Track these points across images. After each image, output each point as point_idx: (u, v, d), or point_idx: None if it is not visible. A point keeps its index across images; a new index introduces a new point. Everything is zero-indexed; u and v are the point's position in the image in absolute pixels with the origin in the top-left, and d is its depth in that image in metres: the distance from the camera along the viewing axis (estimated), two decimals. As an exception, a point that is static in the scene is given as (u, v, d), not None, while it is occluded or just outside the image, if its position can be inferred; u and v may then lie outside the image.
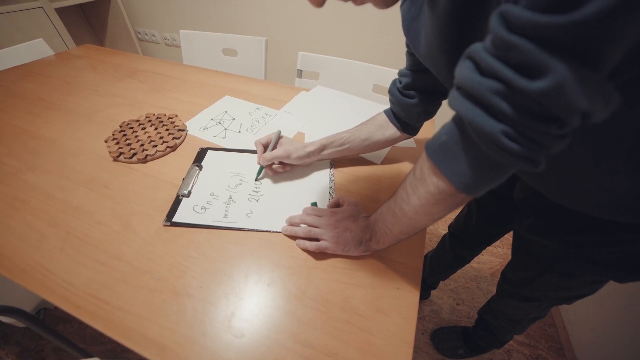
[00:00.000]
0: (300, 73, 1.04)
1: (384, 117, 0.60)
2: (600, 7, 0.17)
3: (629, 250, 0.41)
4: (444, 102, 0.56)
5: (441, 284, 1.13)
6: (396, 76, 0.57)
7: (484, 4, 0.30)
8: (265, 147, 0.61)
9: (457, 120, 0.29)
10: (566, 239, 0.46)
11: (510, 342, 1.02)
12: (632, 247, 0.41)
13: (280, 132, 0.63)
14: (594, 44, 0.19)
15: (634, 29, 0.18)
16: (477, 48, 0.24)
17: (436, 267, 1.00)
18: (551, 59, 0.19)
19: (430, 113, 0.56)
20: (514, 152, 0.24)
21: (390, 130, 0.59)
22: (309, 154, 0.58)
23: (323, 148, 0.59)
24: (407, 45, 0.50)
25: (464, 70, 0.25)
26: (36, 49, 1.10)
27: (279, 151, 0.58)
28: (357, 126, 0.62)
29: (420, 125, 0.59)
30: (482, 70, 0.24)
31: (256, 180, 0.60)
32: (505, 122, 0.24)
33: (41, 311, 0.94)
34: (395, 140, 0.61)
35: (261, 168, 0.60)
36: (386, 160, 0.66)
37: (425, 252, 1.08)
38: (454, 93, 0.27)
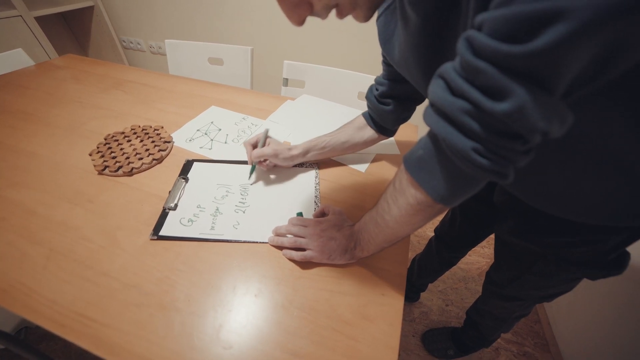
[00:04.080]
0: (286, 81, 1.06)
1: (362, 120, 0.63)
2: (549, 40, 0.19)
3: (598, 249, 0.44)
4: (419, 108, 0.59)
5: (430, 285, 1.15)
6: (372, 84, 0.60)
7: (451, 25, 0.32)
8: (254, 147, 0.63)
9: (432, 136, 0.31)
10: (542, 240, 0.48)
11: (498, 340, 1.05)
12: (601, 247, 0.43)
13: (267, 130, 0.65)
14: (547, 71, 0.21)
15: (579, 58, 0.20)
16: (448, 68, 0.26)
17: (424, 270, 1.03)
18: (512, 83, 0.21)
19: (404, 118, 0.60)
20: (484, 167, 0.26)
21: (369, 132, 0.63)
22: (293, 157, 0.62)
23: (306, 152, 0.63)
24: (384, 56, 0.52)
25: (436, 89, 0.27)
26: (15, 59, 1.08)
27: (267, 149, 0.60)
28: (337, 129, 0.65)
29: (396, 128, 0.63)
30: (452, 90, 0.26)
31: (249, 178, 0.62)
32: (475, 140, 0.25)
33: (22, 330, 0.91)
34: (373, 142, 0.65)
35: (253, 167, 0.62)
36: (371, 168, 0.68)
37: (414, 255, 1.10)
38: (428, 110, 0.29)
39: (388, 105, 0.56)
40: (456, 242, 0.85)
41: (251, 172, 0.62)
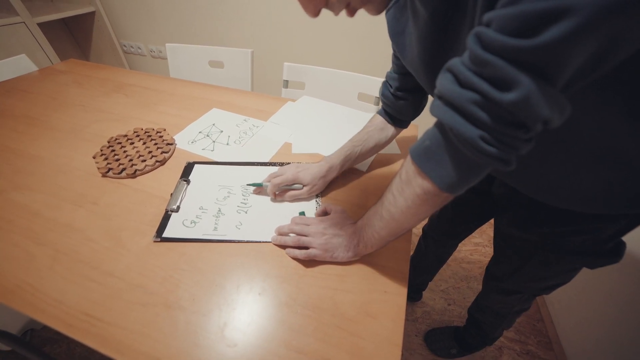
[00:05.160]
0: (286, 83, 1.07)
1: (382, 120, 0.63)
2: (554, 36, 0.20)
3: (596, 238, 0.45)
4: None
5: (432, 285, 1.15)
6: (384, 80, 0.60)
7: (455, 23, 0.33)
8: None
9: (440, 127, 0.32)
10: (542, 230, 0.49)
11: (501, 339, 1.05)
12: (599, 235, 0.45)
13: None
14: (552, 64, 0.22)
15: (581, 52, 0.21)
16: (456, 62, 0.27)
17: (418, 269, 1.03)
18: (519, 74, 0.23)
19: (421, 109, 0.60)
20: (491, 155, 0.27)
21: (389, 130, 0.63)
22: (328, 179, 0.60)
23: (342, 166, 0.61)
24: (394, 49, 0.53)
25: (444, 82, 0.28)
26: (19, 65, 1.09)
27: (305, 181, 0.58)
28: (360, 135, 0.64)
29: (412, 119, 0.63)
30: (461, 82, 0.27)
31: (247, 185, 0.61)
32: (483, 128, 0.26)
33: (27, 332, 0.91)
34: (393, 138, 0.65)
35: (259, 184, 0.59)
36: (371, 168, 0.69)
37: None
38: (436, 102, 0.30)
39: (405, 99, 0.57)
40: (442, 235, 0.86)
41: (254, 184, 0.60)
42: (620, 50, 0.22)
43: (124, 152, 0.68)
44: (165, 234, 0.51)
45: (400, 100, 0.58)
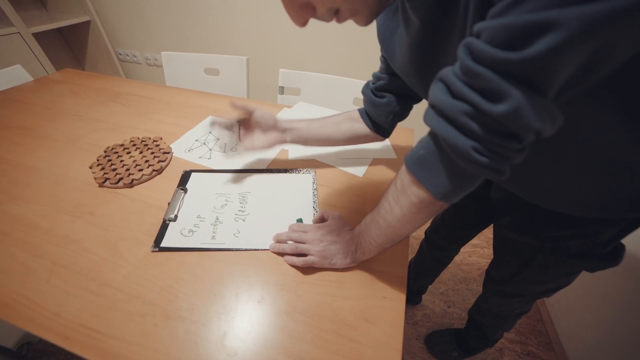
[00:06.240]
0: (282, 90, 1.07)
1: (357, 113, 0.63)
2: (542, 48, 0.21)
3: (595, 241, 0.45)
4: (417, 108, 0.60)
5: (431, 287, 1.15)
6: (370, 79, 0.60)
7: (445, 32, 0.33)
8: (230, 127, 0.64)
9: (433, 136, 0.33)
10: (541, 234, 0.49)
11: (502, 340, 1.05)
12: (597, 238, 0.45)
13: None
14: (541, 75, 0.23)
15: (569, 63, 0.22)
16: (448, 72, 0.27)
17: (419, 272, 1.04)
18: (509, 86, 0.23)
19: (399, 115, 0.58)
20: (483, 165, 0.27)
21: (360, 124, 0.62)
22: (277, 123, 0.62)
23: (292, 121, 0.62)
24: (383, 53, 0.53)
25: (437, 92, 0.29)
26: (14, 76, 1.09)
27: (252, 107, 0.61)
28: (328, 117, 0.65)
29: (390, 127, 0.61)
30: (452, 93, 0.27)
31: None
32: (475, 139, 0.27)
33: (24, 346, 0.90)
34: (365, 138, 0.64)
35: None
36: (368, 173, 0.69)
37: (410, 257, 1.11)
38: (429, 111, 0.31)
39: (383, 97, 0.56)
40: (445, 240, 0.87)
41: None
42: (611, 59, 0.22)
43: (121, 161, 0.68)
44: (163, 244, 0.51)
45: (377, 98, 0.57)
